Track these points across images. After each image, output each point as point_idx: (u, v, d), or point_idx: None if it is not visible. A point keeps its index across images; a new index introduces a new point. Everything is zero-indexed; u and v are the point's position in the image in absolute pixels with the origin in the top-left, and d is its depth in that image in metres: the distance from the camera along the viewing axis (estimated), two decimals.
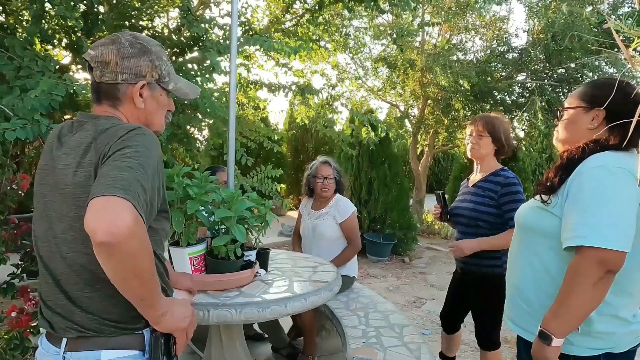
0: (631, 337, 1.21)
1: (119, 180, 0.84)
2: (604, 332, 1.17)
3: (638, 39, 0.84)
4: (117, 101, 1.06)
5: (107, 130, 0.97)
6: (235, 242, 1.68)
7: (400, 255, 6.07)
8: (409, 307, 4.12)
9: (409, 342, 2.08)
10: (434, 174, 14.70)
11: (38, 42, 2.45)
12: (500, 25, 6.82)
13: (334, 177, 2.81)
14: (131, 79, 1.05)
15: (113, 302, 0.96)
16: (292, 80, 3.54)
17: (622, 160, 1.14)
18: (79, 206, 0.94)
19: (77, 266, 0.96)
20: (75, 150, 0.98)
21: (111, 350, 0.96)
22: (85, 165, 0.94)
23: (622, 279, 1.14)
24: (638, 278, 1.20)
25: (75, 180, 0.95)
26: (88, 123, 1.02)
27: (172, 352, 1.02)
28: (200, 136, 4.03)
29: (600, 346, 1.18)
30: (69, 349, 0.96)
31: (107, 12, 2.70)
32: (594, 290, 1.08)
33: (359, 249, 2.81)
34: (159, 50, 1.11)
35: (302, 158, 9.81)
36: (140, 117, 1.10)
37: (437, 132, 7.69)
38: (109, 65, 1.03)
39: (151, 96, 1.10)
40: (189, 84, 1.22)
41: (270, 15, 4.40)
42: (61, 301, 0.98)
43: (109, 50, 1.03)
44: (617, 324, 1.19)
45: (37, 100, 1.70)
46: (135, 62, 1.05)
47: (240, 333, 2.02)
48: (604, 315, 1.16)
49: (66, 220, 0.97)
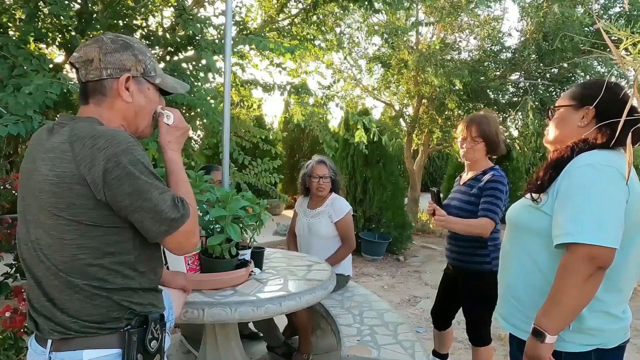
0: (621, 333, 1.23)
1: (160, 212, 0.98)
2: (594, 329, 1.19)
3: (627, 40, 0.86)
4: (103, 98, 1.06)
5: (83, 139, 0.95)
6: (229, 241, 1.68)
7: (395, 254, 6.09)
8: (403, 305, 4.14)
9: (403, 340, 2.09)
10: (429, 173, 14.74)
11: (32, 41, 2.43)
12: (494, 25, 6.85)
13: (330, 176, 2.82)
14: (115, 74, 1.05)
15: (93, 304, 0.98)
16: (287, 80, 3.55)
17: (610, 159, 1.15)
18: (55, 215, 0.95)
19: (55, 269, 0.97)
20: (50, 156, 0.97)
21: (92, 350, 0.97)
22: (63, 176, 0.94)
23: (612, 275, 1.16)
24: (627, 274, 1.22)
25: (52, 189, 0.95)
26: (67, 125, 1.01)
27: (149, 349, 1.02)
28: (195, 135, 4.02)
29: (591, 342, 1.20)
30: (53, 349, 0.98)
31: (101, 11, 2.69)
32: (585, 287, 1.10)
33: (353, 249, 2.82)
34: (142, 46, 1.12)
35: (298, 157, 9.80)
36: (128, 115, 1.09)
37: (432, 132, 7.72)
38: (93, 63, 1.03)
39: (138, 90, 1.09)
40: (177, 81, 1.22)
41: (264, 15, 4.40)
42: (44, 303, 0.99)
43: (92, 49, 1.04)
44: (607, 320, 1.20)
45: (31, 97, 1.70)
46: (118, 56, 1.05)
47: (235, 332, 2.03)
48: (595, 312, 1.18)
49: (42, 226, 0.98)
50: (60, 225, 0.96)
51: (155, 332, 1.04)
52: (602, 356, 1.21)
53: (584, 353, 1.20)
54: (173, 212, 0.99)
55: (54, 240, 0.97)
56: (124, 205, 0.96)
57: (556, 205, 1.19)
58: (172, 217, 0.99)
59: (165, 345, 1.10)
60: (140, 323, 1.02)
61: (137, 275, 1.03)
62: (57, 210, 0.95)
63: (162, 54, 3.01)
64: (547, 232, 1.21)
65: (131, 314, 1.02)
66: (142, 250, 1.04)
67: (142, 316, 1.03)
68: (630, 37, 0.85)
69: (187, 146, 3.40)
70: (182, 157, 3.92)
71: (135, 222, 0.99)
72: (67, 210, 0.95)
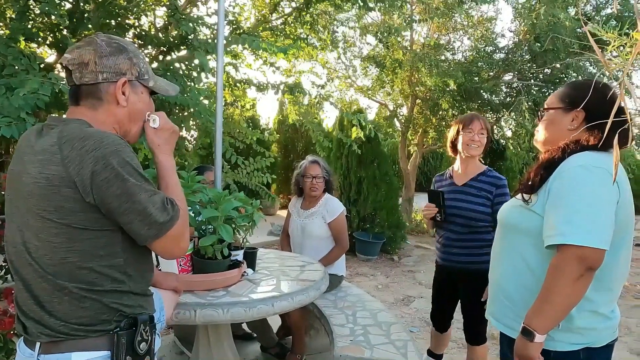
0: (609, 331, 1.24)
1: (148, 215, 0.97)
2: (584, 328, 1.20)
3: (615, 41, 0.86)
4: (99, 102, 1.05)
5: (72, 141, 0.95)
6: (222, 242, 1.68)
7: (390, 254, 6.11)
8: (397, 305, 4.15)
9: (396, 340, 2.10)
10: (423, 173, 14.78)
11: (22, 40, 2.41)
12: (488, 26, 6.89)
13: (323, 176, 2.82)
14: (112, 77, 1.04)
15: (82, 307, 0.97)
16: (281, 79, 3.55)
17: (601, 160, 1.16)
18: (43, 218, 0.95)
19: (44, 272, 0.96)
20: (39, 159, 0.96)
21: (81, 352, 0.97)
22: (51, 179, 0.94)
23: (602, 275, 1.17)
24: (616, 274, 1.23)
25: (41, 192, 0.94)
26: (57, 127, 1.00)
27: (139, 350, 1.01)
28: (189, 135, 4.00)
29: (580, 341, 1.21)
30: (42, 351, 0.97)
31: (93, 10, 2.66)
32: (574, 287, 1.11)
33: (346, 249, 2.83)
34: (135, 49, 1.12)
35: (292, 157, 9.79)
36: (122, 117, 1.09)
37: (426, 132, 7.75)
38: (88, 66, 1.02)
39: (133, 93, 1.09)
40: (168, 82, 1.22)
41: (257, 14, 4.39)
42: (33, 306, 0.98)
43: (86, 52, 1.03)
44: (597, 319, 1.21)
45: (23, 99, 1.68)
46: (114, 60, 1.05)
47: (228, 333, 2.02)
48: (584, 311, 1.19)
49: (30, 229, 0.97)
50: (48, 228, 0.95)
51: (145, 334, 1.04)
52: (591, 355, 1.22)
53: (572, 352, 1.21)
54: (162, 215, 0.99)
55: (43, 243, 0.96)
56: (112, 207, 0.95)
57: (547, 205, 1.20)
58: (161, 220, 0.99)
59: (155, 347, 1.09)
60: (130, 325, 1.02)
61: (127, 278, 1.02)
62: (46, 213, 0.94)
63: (155, 54, 3.00)
64: (538, 232, 1.21)
65: (120, 316, 1.01)
66: (131, 254, 1.03)
67: (131, 318, 1.02)
68: (617, 39, 0.86)
69: (180, 146, 3.38)
70: (175, 158, 3.90)
71: (123, 224, 0.98)
72: (56, 213, 0.94)
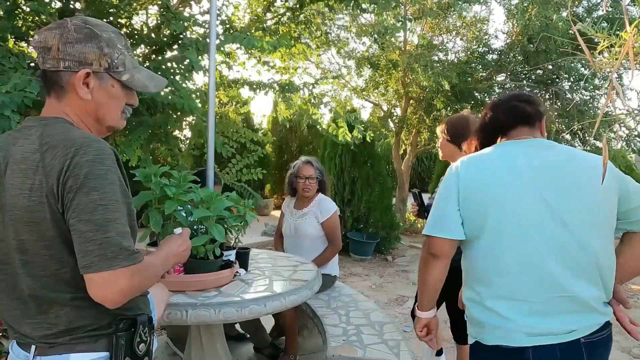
0: (500, 332, 1.18)
1: (105, 246, 0.84)
2: (474, 319, 1.25)
3: (604, 41, 0.87)
4: (62, 91, 0.97)
5: (54, 149, 0.89)
6: (214, 242, 1.67)
7: (383, 254, 6.12)
8: (391, 305, 4.16)
9: (389, 340, 2.10)
10: (417, 173, 14.84)
11: (11, 39, 2.38)
12: (481, 27, 6.93)
13: (316, 177, 2.82)
14: (74, 67, 0.95)
15: (81, 315, 0.94)
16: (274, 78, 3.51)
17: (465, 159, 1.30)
18: (32, 231, 0.90)
19: (40, 288, 0.93)
20: (20, 167, 0.90)
21: (79, 354, 0.94)
22: (35, 189, 0.88)
23: (473, 266, 1.25)
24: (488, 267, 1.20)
25: (28, 204, 0.89)
26: (34, 128, 0.94)
27: (138, 352, 1.00)
28: (182, 135, 3.98)
29: (473, 334, 1.26)
30: (38, 353, 0.94)
31: (83, 10, 2.64)
32: (424, 268, 1.32)
33: (339, 249, 2.83)
34: (113, 37, 1.00)
35: (286, 157, 9.79)
36: (89, 110, 1.00)
37: (420, 132, 7.77)
38: (51, 51, 0.94)
39: (99, 87, 0.99)
40: (153, 76, 1.11)
41: (251, 14, 4.38)
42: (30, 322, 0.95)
43: (52, 35, 0.94)
44: (485, 314, 1.20)
45: (8, 96, 1.66)
46: (80, 48, 0.95)
47: (220, 333, 2.01)
48: (472, 302, 1.26)
49: (14, 243, 0.92)
50: (37, 242, 0.90)
51: (144, 335, 1.02)
52: (478, 351, 1.23)
53: (472, 345, 1.26)
54: (106, 249, 0.84)
55: (30, 257, 0.91)
56: (69, 220, 0.87)
57: None
58: (100, 253, 0.84)
59: (153, 347, 1.08)
60: (129, 326, 0.99)
61: None
62: (34, 225, 0.89)
63: (147, 53, 2.98)
64: None
65: (120, 317, 0.99)
66: None
67: (130, 319, 1.00)
68: (606, 39, 0.87)
69: (173, 146, 3.36)
70: (168, 158, 3.82)
71: None
72: (42, 224, 0.89)
